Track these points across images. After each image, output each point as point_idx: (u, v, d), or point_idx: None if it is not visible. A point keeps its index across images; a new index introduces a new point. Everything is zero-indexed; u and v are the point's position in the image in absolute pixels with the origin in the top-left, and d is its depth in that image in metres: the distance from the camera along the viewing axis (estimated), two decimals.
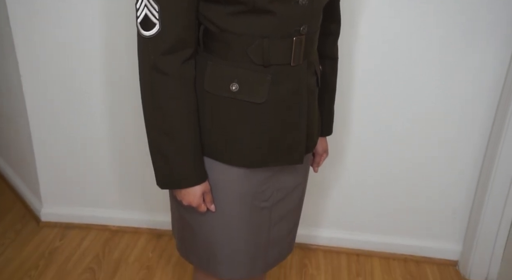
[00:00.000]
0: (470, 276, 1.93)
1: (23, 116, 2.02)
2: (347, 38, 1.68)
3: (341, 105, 1.79)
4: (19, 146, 2.21)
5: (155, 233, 2.15)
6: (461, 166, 1.86)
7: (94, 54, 1.84)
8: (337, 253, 2.06)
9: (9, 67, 2.00)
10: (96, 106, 1.93)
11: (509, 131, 1.68)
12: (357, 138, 1.86)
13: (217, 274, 1.21)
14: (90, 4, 1.76)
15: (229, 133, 1.05)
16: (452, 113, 1.77)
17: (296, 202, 1.24)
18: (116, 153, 2.02)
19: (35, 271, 1.91)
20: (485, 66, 1.69)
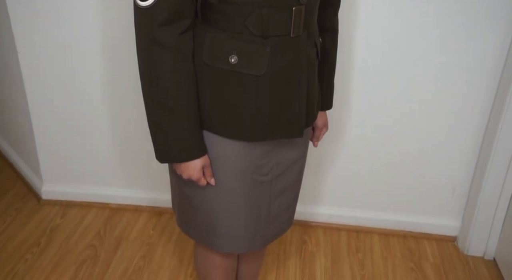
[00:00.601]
0: (468, 251, 1.94)
1: (21, 95, 2.01)
2: (347, 10, 1.66)
3: (341, 80, 1.78)
4: (18, 125, 2.21)
5: (155, 211, 2.16)
6: (462, 142, 1.85)
7: (91, 28, 1.82)
8: (337, 230, 2.07)
9: (5, 42, 1.99)
10: (96, 83, 1.92)
11: (509, 108, 1.68)
12: (356, 115, 1.85)
13: (217, 248, 1.22)
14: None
15: (228, 106, 1.05)
16: (453, 89, 1.76)
17: (295, 176, 1.25)
18: (117, 131, 2.02)
19: (37, 248, 1.93)
20: (488, 39, 1.67)
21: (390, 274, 1.84)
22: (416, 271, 1.86)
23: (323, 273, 1.83)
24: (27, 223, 2.07)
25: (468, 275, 1.85)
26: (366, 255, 1.93)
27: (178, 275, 1.81)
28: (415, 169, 1.93)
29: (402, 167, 1.93)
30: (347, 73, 1.78)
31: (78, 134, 2.04)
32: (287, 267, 1.86)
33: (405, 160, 1.91)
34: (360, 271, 1.85)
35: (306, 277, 1.81)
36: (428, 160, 1.90)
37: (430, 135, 1.85)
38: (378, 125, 1.86)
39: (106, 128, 2.02)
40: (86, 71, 1.90)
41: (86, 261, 1.86)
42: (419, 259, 1.92)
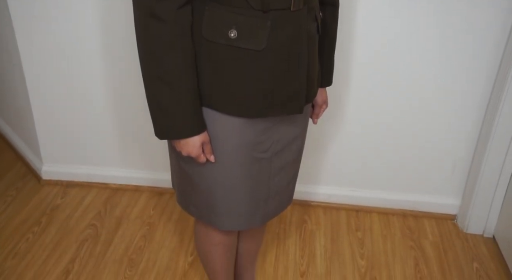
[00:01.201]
0: (467, 229, 1.95)
1: (19, 74, 2.00)
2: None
3: (341, 56, 1.76)
4: (17, 105, 2.20)
5: (156, 191, 2.17)
6: (462, 121, 1.85)
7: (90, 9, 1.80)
8: (337, 209, 2.07)
9: (2, 23, 1.96)
10: (95, 62, 1.91)
11: (511, 88, 1.66)
12: (356, 93, 1.84)
13: (217, 225, 1.23)
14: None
15: (227, 82, 1.04)
16: (454, 68, 1.75)
17: (295, 153, 1.24)
18: (116, 111, 2.01)
19: (38, 228, 1.94)
20: (489, 18, 1.65)
21: (389, 252, 1.85)
22: (415, 249, 1.87)
23: (322, 252, 1.84)
24: (28, 203, 2.08)
25: (467, 252, 1.87)
26: (365, 234, 1.94)
27: (179, 254, 1.82)
28: (415, 148, 1.92)
29: (402, 146, 1.93)
30: (347, 49, 1.76)
31: (78, 115, 2.04)
32: (287, 245, 1.87)
33: (405, 139, 1.91)
34: (359, 249, 1.86)
35: (306, 256, 1.82)
36: (429, 139, 1.90)
37: (430, 113, 1.85)
38: (377, 104, 1.85)
39: (106, 108, 2.01)
40: (85, 49, 1.88)
41: (87, 240, 1.88)
42: (418, 238, 1.93)
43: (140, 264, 1.77)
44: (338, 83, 1.81)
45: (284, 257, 1.82)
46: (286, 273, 1.75)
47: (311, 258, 1.82)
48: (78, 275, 1.72)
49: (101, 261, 1.78)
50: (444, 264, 1.80)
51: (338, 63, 1.76)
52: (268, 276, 1.73)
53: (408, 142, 1.92)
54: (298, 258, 1.82)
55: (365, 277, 1.73)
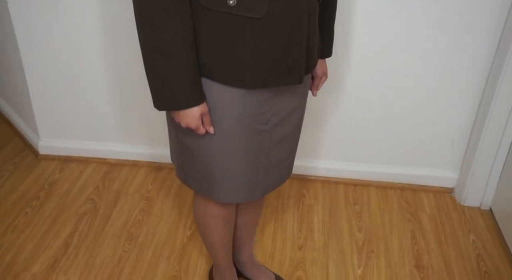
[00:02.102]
0: (465, 202, 1.97)
1: (14, 48, 1.97)
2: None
3: (341, 29, 1.74)
4: (12, 80, 2.17)
5: (154, 166, 2.16)
6: (462, 94, 1.84)
7: None
8: (335, 184, 2.08)
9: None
10: (92, 35, 1.88)
11: (510, 61, 1.65)
12: (355, 67, 1.83)
13: (216, 197, 1.23)
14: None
15: (226, 52, 1.02)
16: (453, 42, 1.73)
17: (295, 125, 1.23)
18: (114, 85, 1.99)
19: (37, 202, 1.94)
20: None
21: (387, 225, 1.87)
22: (413, 222, 1.89)
23: (320, 225, 1.86)
24: (26, 178, 2.07)
25: (464, 225, 1.88)
26: (363, 208, 1.95)
27: (178, 227, 1.83)
28: (414, 121, 1.92)
29: (401, 120, 1.92)
30: (347, 21, 1.74)
31: (74, 88, 2.02)
32: (285, 219, 1.88)
33: (404, 113, 1.91)
34: (357, 223, 1.87)
35: (304, 229, 1.84)
36: (428, 112, 1.89)
37: (430, 86, 1.84)
38: (377, 78, 1.84)
39: (104, 82, 1.99)
40: (81, 23, 1.85)
41: (86, 214, 1.88)
42: (415, 211, 1.95)
43: (139, 238, 1.78)
44: (338, 56, 1.80)
45: (282, 231, 1.83)
46: (284, 246, 1.76)
47: (309, 231, 1.83)
48: (77, 248, 1.73)
49: (100, 235, 1.79)
50: (440, 236, 1.82)
51: (338, 36, 1.74)
52: (266, 249, 1.75)
53: (407, 116, 1.91)
54: (296, 231, 1.83)
55: (363, 250, 1.75)
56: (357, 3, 1.70)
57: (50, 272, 1.63)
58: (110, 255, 1.70)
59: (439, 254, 1.74)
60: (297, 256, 1.72)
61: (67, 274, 1.63)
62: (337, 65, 1.82)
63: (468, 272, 1.67)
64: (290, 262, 1.70)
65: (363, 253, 1.74)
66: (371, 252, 1.74)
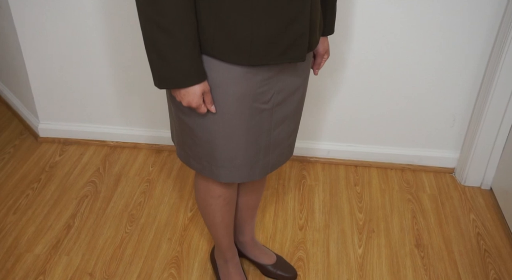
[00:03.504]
0: (465, 182, 1.97)
1: (12, 31, 1.95)
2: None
3: (343, 10, 1.73)
4: (10, 62, 2.16)
5: (154, 148, 2.16)
6: (463, 74, 1.83)
7: None
8: (336, 165, 2.08)
9: None
10: (92, 17, 1.86)
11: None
12: (356, 47, 1.81)
13: (217, 177, 1.23)
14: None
15: (228, 29, 1.01)
16: (454, 22, 1.72)
17: (296, 104, 1.23)
18: (114, 66, 1.98)
19: (38, 184, 1.94)
20: None
21: (387, 205, 1.87)
22: (413, 202, 1.89)
23: (321, 206, 1.86)
24: (26, 160, 2.07)
25: (464, 204, 1.89)
26: (364, 188, 1.96)
27: (178, 209, 1.83)
28: (415, 103, 1.91)
29: (402, 101, 1.92)
30: (349, 1, 1.72)
31: (74, 71, 2.00)
32: (286, 201, 1.89)
33: (405, 94, 1.90)
34: (358, 203, 1.88)
35: (305, 210, 1.84)
36: (428, 92, 1.88)
37: (431, 65, 1.83)
38: (377, 58, 1.83)
39: (103, 64, 1.97)
40: (81, 4, 1.83)
41: (87, 197, 1.88)
42: (416, 191, 1.95)
43: (140, 220, 1.78)
44: (339, 37, 1.78)
45: (283, 212, 1.83)
46: (285, 227, 1.77)
47: (309, 212, 1.83)
48: (79, 230, 1.73)
49: (101, 217, 1.79)
50: (441, 216, 1.83)
51: (339, 15, 1.73)
52: (268, 230, 1.75)
53: (408, 97, 1.90)
54: (297, 212, 1.83)
55: (363, 230, 1.76)
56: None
57: (52, 253, 1.64)
58: (112, 237, 1.71)
59: (439, 233, 1.75)
60: (298, 236, 1.73)
61: (70, 254, 1.64)
62: (338, 45, 1.81)
63: (468, 251, 1.68)
64: (291, 243, 1.71)
65: (363, 233, 1.75)
66: (372, 232, 1.75)
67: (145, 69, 1.94)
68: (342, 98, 1.94)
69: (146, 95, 2.03)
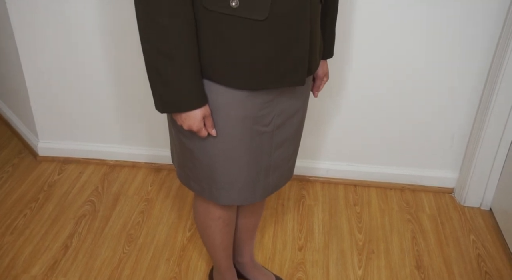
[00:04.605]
0: (465, 202, 1.97)
1: (13, 49, 1.96)
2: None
3: (342, 32, 1.74)
4: (11, 81, 2.16)
5: (153, 167, 2.16)
6: (461, 95, 1.84)
7: None
8: (335, 184, 2.08)
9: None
10: (92, 36, 1.87)
11: (510, 60, 1.65)
12: (355, 68, 1.83)
13: (217, 200, 1.22)
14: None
15: (229, 54, 1.02)
16: (452, 42, 1.73)
17: (296, 127, 1.23)
18: (114, 86, 1.99)
19: (36, 203, 1.93)
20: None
21: (387, 225, 1.87)
22: (413, 222, 1.89)
23: (320, 226, 1.86)
24: (25, 179, 2.06)
25: (464, 225, 1.88)
26: (363, 208, 1.95)
27: (177, 229, 1.82)
28: (414, 123, 1.92)
29: (400, 121, 1.92)
30: (348, 24, 1.74)
31: (74, 90, 2.01)
32: (285, 221, 1.88)
33: (403, 113, 1.91)
34: (357, 223, 1.87)
35: (304, 231, 1.83)
36: (428, 112, 1.89)
37: (429, 86, 1.84)
38: (376, 79, 1.84)
39: (103, 83, 1.98)
40: (82, 21, 1.84)
41: (85, 216, 1.87)
42: (416, 211, 1.95)
43: (139, 239, 1.77)
44: (338, 58, 1.80)
45: (282, 232, 1.82)
46: (284, 247, 1.76)
47: (309, 232, 1.83)
48: (76, 250, 1.72)
49: (99, 237, 1.78)
50: (441, 237, 1.82)
51: (338, 38, 1.74)
52: (267, 250, 1.74)
53: (407, 117, 1.91)
54: (296, 232, 1.83)
55: (363, 251, 1.75)
56: (358, 6, 1.70)
57: (49, 274, 1.63)
58: (109, 257, 1.70)
59: (440, 254, 1.75)
60: (297, 257, 1.72)
61: (67, 276, 1.62)
62: (337, 66, 1.82)
63: (468, 273, 1.67)
64: (291, 263, 1.70)
65: (363, 254, 1.74)
66: (372, 253, 1.74)
67: (144, 89, 1.95)
68: (341, 118, 1.95)
69: (145, 114, 2.03)
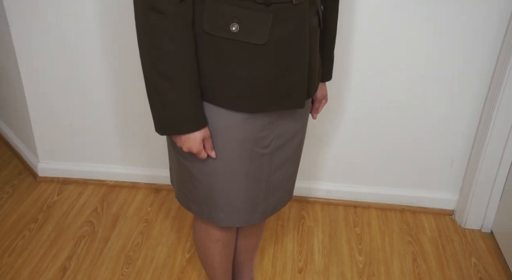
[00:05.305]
0: (465, 225, 1.96)
1: (14, 70, 1.98)
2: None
3: (340, 54, 1.76)
4: (13, 101, 2.18)
5: (153, 187, 2.15)
6: (460, 116, 1.85)
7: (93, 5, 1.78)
8: (335, 206, 2.07)
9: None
10: (92, 56, 1.89)
11: (509, 80, 1.67)
12: (354, 89, 1.84)
13: (217, 221, 1.22)
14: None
15: (228, 77, 1.03)
16: (451, 63, 1.75)
17: (295, 148, 1.24)
18: (113, 107, 2.00)
19: (35, 224, 1.92)
20: (489, 13, 1.65)
21: (387, 247, 1.86)
22: (414, 245, 1.88)
23: (320, 248, 1.84)
24: (24, 200, 2.06)
25: (465, 248, 1.87)
26: (363, 230, 1.94)
27: (176, 250, 1.81)
28: (413, 144, 1.92)
29: (400, 142, 1.93)
30: (346, 45, 1.75)
31: (74, 111, 2.02)
32: (285, 242, 1.87)
33: (403, 135, 1.91)
34: (357, 245, 1.86)
35: (304, 252, 1.82)
36: (427, 134, 1.90)
37: (429, 108, 1.85)
38: (375, 100, 1.85)
39: (103, 104, 1.99)
40: (83, 44, 1.86)
41: (84, 237, 1.86)
42: (416, 233, 1.93)
43: (138, 261, 1.76)
44: (337, 79, 1.81)
45: (282, 254, 1.81)
46: (284, 269, 1.74)
47: (309, 254, 1.81)
48: (75, 272, 1.71)
49: (98, 258, 1.77)
50: (442, 259, 1.81)
51: (337, 59, 1.76)
52: (266, 272, 1.73)
53: (406, 138, 1.92)
54: (296, 254, 1.81)
55: (363, 273, 1.74)
56: (356, 29, 1.72)
57: None
58: (108, 279, 1.68)
59: (441, 277, 1.73)
60: (297, 279, 1.70)
61: None
62: (336, 87, 1.83)
63: None
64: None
65: (363, 276, 1.72)
66: (372, 276, 1.73)
67: (144, 110, 1.96)
68: (341, 139, 1.95)
69: (144, 134, 2.04)
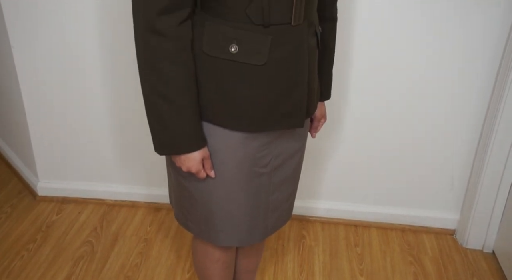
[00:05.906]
0: (467, 244, 1.94)
1: (15, 89, 1.99)
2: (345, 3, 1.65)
3: (339, 73, 1.77)
4: (13, 121, 2.18)
5: (152, 206, 2.15)
6: (460, 135, 1.85)
7: (88, 18, 1.80)
8: (335, 225, 2.06)
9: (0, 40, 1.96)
10: (92, 77, 1.90)
11: (508, 100, 1.67)
12: (354, 108, 1.85)
13: (216, 241, 1.21)
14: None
15: (228, 97, 1.04)
16: (449, 82, 1.76)
17: (294, 168, 1.24)
18: (113, 126, 2.00)
19: (33, 245, 1.91)
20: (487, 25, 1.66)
21: (388, 267, 1.84)
22: (415, 265, 1.86)
23: (321, 268, 1.83)
24: (23, 220, 2.05)
25: (467, 268, 1.85)
26: (364, 249, 1.93)
27: (176, 271, 1.79)
28: (414, 163, 1.92)
29: (400, 161, 1.93)
30: (344, 64, 1.77)
31: (73, 130, 2.02)
32: (285, 262, 1.85)
33: (403, 154, 1.91)
34: (358, 265, 1.84)
35: (305, 272, 1.80)
36: (427, 153, 1.90)
37: (428, 128, 1.85)
38: (375, 119, 1.86)
39: (102, 123, 2.00)
40: (81, 65, 1.88)
41: (83, 258, 1.85)
42: (417, 253, 1.92)
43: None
44: (336, 98, 1.82)
45: (282, 274, 1.79)
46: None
47: (310, 274, 1.80)
48: None
49: (97, 279, 1.75)
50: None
51: (336, 78, 1.77)
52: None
53: (406, 157, 1.92)
54: (296, 274, 1.80)
55: None
56: (355, 48, 1.74)
57: None
58: None
59: None
60: None
61: None
62: (335, 106, 1.84)
63: None
64: None
65: None
66: None
67: (143, 129, 1.97)
68: (341, 158, 1.95)
69: (144, 153, 2.04)
